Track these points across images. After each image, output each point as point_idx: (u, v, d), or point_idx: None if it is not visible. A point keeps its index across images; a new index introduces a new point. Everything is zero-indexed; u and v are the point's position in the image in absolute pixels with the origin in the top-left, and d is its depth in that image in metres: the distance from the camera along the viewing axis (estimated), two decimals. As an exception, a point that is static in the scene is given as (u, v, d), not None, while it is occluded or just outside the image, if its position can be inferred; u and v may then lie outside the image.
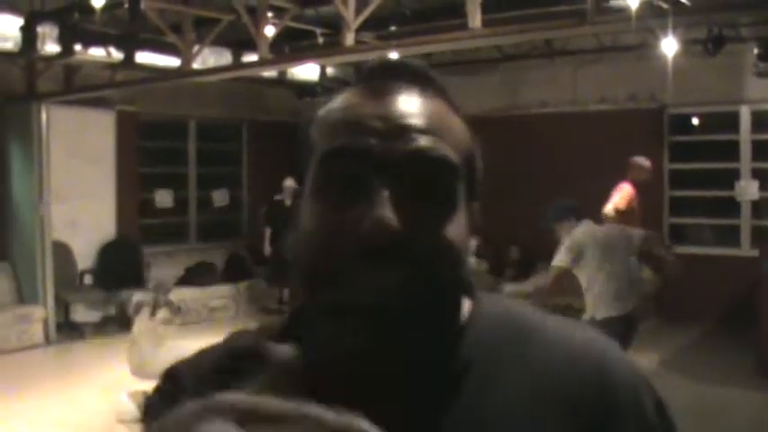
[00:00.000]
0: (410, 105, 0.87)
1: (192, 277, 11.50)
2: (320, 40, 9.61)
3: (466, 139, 0.92)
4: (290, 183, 10.91)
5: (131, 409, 6.45)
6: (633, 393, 0.89)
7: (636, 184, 8.37)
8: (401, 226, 0.80)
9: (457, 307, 0.91)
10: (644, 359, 8.38)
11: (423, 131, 0.85)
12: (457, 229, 0.86)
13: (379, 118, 0.85)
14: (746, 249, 10.14)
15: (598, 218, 6.87)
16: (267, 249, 11.07)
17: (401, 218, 0.81)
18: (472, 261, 0.90)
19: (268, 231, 11.05)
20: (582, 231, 5.86)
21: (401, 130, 0.85)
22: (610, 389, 0.88)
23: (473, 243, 0.92)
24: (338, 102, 0.91)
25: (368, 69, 0.93)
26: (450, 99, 0.93)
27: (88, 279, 10.55)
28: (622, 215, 8.02)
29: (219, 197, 12.43)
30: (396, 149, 0.84)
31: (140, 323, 6.89)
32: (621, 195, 8.24)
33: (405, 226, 0.81)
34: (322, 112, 0.92)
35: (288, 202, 10.88)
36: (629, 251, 5.91)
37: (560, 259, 5.83)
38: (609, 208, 8.03)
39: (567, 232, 5.90)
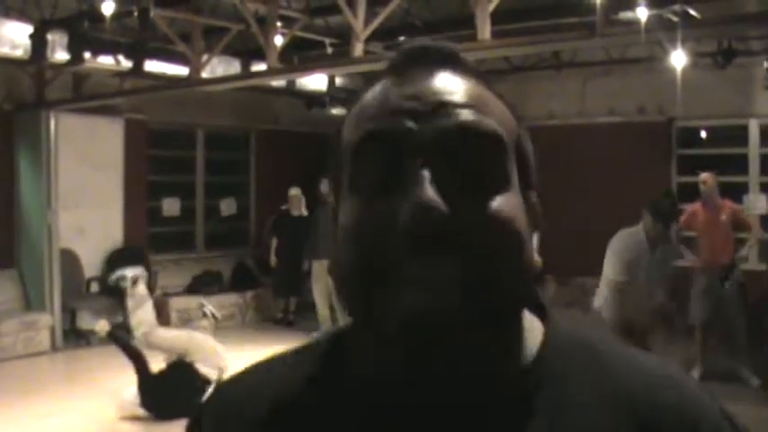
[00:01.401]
0: (445, 82, 0.79)
1: (199, 286, 11.49)
2: (329, 50, 9.62)
3: (511, 120, 0.82)
4: (294, 192, 10.91)
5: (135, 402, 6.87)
6: (715, 427, 0.81)
7: (705, 202, 8.24)
8: (449, 209, 0.72)
9: (520, 307, 0.80)
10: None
11: (462, 106, 0.77)
12: (515, 213, 0.76)
13: (411, 98, 0.77)
14: (754, 263, 10.09)
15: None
16: (273, 260, 11.07)
17: (447, 202, 0.72)
18: (537, 259, 0.77)
19: (274, 242, 11.05)
20: None
21: (437, 106, 0.77)
22: (690, 420, 0.79)
23: (535, 239, 0.81)
24: (368, 94, 0.83)
25: (397, 56, 0.84)
26: (490, 83, 0.84)
27: (95, 287, 10.54)
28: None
29: (227, 206, 12.42)
30: (433, 127, 0.75)
31: (139, 294, 7.35)
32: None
33: (453, 210, 0.72)
34: (353, 109, 0.84)
35: (294, 212, 10.90)
36: None
37: None
38: None
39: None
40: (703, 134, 11.13)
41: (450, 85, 0.79)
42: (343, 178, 0.80)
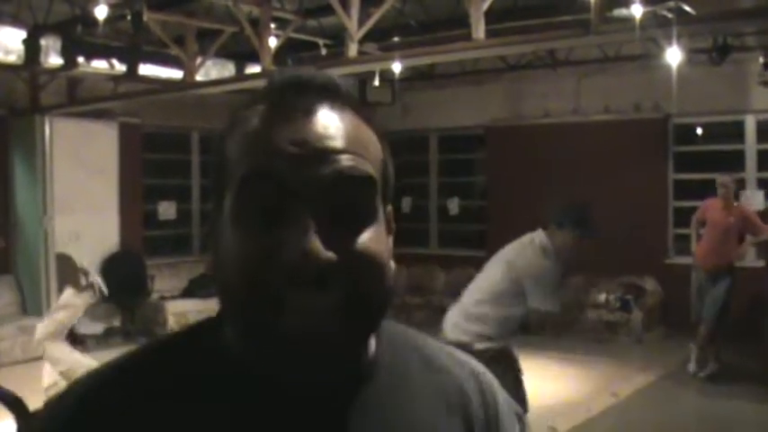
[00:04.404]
0: (324, 125, 0.87)
1: (196, 289, 11.46)
2: (323, 51, 9.60)
3: (378, 148, 0.92)
4: None
5: None
6: (501, 395, 1.08)
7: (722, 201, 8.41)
8: (330, 255, 0.82)
9: (381, 320, 0.93)
10: (651, 371, 8.34)
11: (340, 152, 0.85)
12: (380, 242, 0.88)
13: (295, 143, 0.85)
14: (752, 260, 10.09)
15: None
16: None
17: (328, 244, 0.82)
18: (392, 265, 0.92)
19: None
20: None
21: (319, 153, 0.85)
22: (488, 393, 1.05)
23: (389, 244, 0.93)
24: (251, 120, 0.89)
25: (276, 86, 0.91)
26: (359, 108, 0.93)
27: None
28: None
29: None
30: (315, 175, 0.84)
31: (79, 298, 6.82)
32: None
33: (333, 252, 0.82)
34: (236, 128, 0.90)
35: None
36: None
37: None
38: None
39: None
40: (699, 131, 11.11)
41: (329, 127, 0.87)
42: (225, 197, 0.88)
